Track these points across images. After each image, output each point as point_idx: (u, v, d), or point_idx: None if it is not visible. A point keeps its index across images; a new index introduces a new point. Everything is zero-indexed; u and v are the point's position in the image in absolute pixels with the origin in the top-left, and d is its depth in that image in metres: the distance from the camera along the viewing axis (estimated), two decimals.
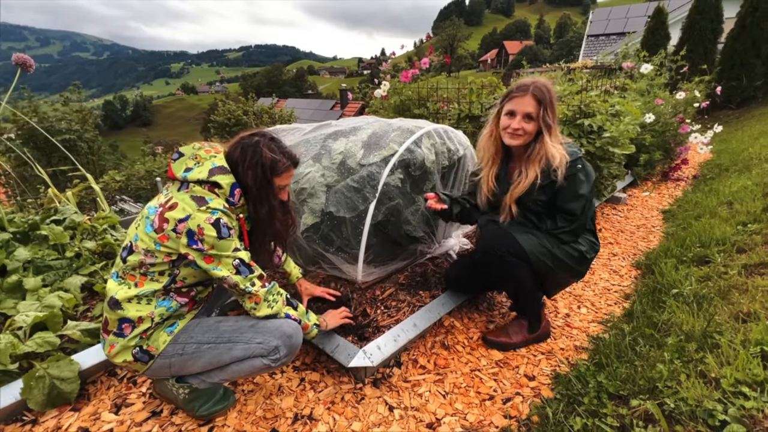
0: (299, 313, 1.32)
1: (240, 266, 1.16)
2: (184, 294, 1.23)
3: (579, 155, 1.52)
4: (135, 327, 1.16)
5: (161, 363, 1.20)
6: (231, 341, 1.20)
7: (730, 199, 3.02)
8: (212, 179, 1.16)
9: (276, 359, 1.20)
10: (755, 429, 0.94)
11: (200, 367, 1.22)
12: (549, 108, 1.48)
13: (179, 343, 1.21)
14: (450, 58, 5.21)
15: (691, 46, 8.82)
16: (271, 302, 1.23)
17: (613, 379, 1.35)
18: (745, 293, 1.65)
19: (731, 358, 1.21)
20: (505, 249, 1.54)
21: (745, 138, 5.66)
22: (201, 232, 1.09)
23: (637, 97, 4.38)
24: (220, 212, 1.13)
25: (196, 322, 1.26)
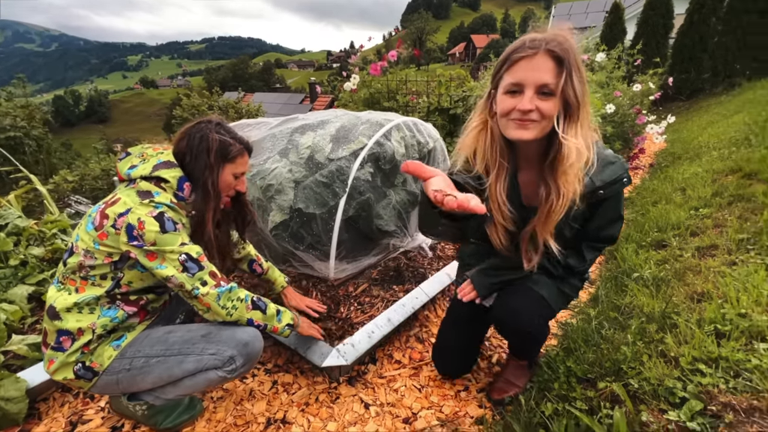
0: (267, 317, 1.22)
1: (187, 262, 1.06)
2: (132, 303, 1.14)
3: (626, 165, 1.07)
4: (75, 340, 1.06)
5: (108, 380, 1.10)
6: (181, 353, 1.11)
7: (683, 186, 3.19)
8: (156, 174, 1.09)
9: (232, 370, 1.12)
10: (711, 403, 0.99)
11: (151, 383, 1.13)
12: (576, 73, 0.91)
13: (126, 358, 1.11)
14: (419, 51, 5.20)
15: (645, 40, 9.25)
16: (230, 309, 1.13)
17: (581, 363, 1.39)
18: (699, 274, 1.74)
19: (688, 337, 1.27)
20: (542, 320, 1.22)
21: (695, 128, 6.02)
22: (141, 226, 1.00)
23: (597, 89, 4.54)
24: (166, 206, 1.05)
25: (145, 334, 1.17)
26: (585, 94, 0.94)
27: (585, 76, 0.94)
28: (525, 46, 0.92)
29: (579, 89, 0.91)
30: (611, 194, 1.05)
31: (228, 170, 1.19)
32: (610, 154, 1.06)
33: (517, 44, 0.95)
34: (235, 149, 1.18)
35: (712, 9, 8.75)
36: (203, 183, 1.15)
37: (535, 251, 1.13)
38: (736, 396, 0.99)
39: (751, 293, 1.36)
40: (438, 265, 2.17)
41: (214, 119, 1.20)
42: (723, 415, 0.95)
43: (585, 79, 0.94)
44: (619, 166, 1.05)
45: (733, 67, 8.82)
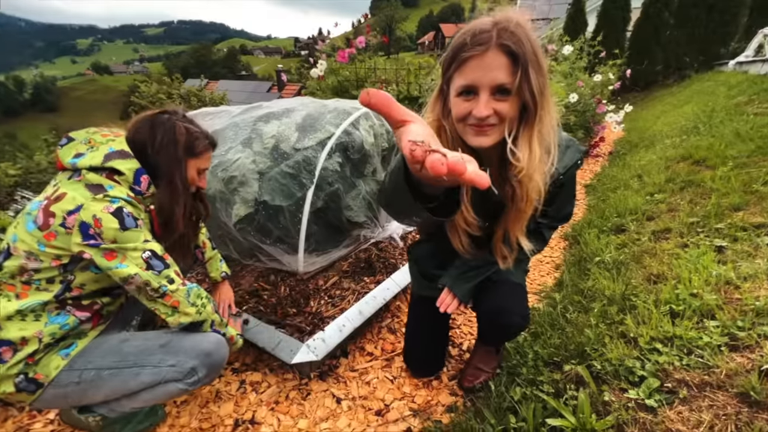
0: (221, 323, 1.17)
1: (151, 259, 0.99)
2: (85, 308, 1.04)
3: (582, 147, 1.06)
4: (17, 351, 0.95)
5: (55, 393, 1.01)
6: (137, 365, 1.03)
7: (640, 173, 3.35)
8: (108, 164, 0.98)
9: (194, 382, 1.05)
10: (667, 380, 1.05)
11: (103, 396, 1.04)
12: (534, 67, 0.81)
13: (75, 369, 1.01)
14: (388, 39, 5.12)
15: (605, 32, 9.59)
16: (200, 307, 1.07)
17: (547, 347, 1.44)
18: (655, 257, 1.83)
19: (646, 318, 1.33)
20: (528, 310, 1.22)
21: (650, 117, 6.34)
22: (98, 224, 0.91)
23: (561, 79, 4.66)
24: (123, 201, 0.97)
25: (97, 343, 1.07)
26: (545, 87, 0.85)
27: (544, 65, 0.84)
28: (473, 43, 0.81)
29: (537, 85, 0.82)
30: (569, 177, 1.05)
31: (192, 165, 1.12)
32: (565, 137, 1.03)
33: (463, 38, 0.83)
34: (201, 144, 1.11)
35: (665, 3, 9.18)
36: (170, 178, 1.07)
37: (510, 251, 1.10)
38: (690, 372, 1.04)
39: (702, 274, 1.44)
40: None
41: (179, 110, 1.12)
42: (678, 391, 1.01)
43: (545, 69, 0.85)
44: (575, 149, 1.04)
45: (683, 59, 9.33)
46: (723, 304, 1.25)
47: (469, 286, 1.16)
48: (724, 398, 0.95)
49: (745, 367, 1.00)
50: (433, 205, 0.57)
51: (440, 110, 0.94)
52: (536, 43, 0.83)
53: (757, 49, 6.85)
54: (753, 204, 1.93)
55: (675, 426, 0.92)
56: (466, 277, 1.16)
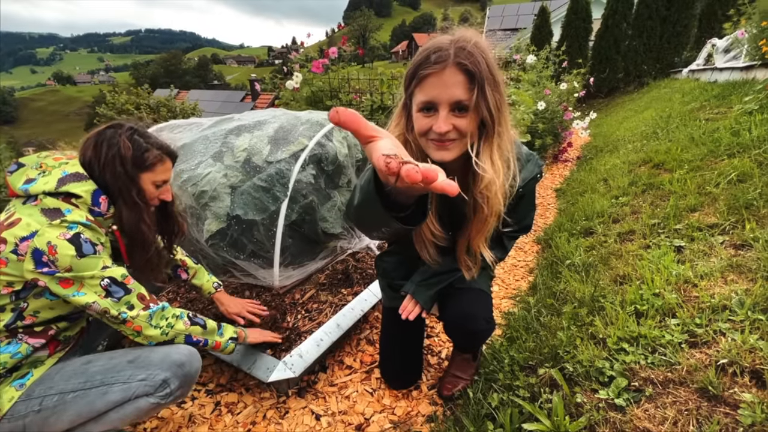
0: (207, 331, 1.15)
1: (110, 286, 0.96)
2: (38, 334, 0.99)
3: (540, 162, 1.12)
4: None
5: (11, 427, 0.95)
6: (104, 383, 0.99)
7: (605, 176, 3.50)
8: (63, 189, 0.95)
9: (166, 395, 1.02)
10: (634, 379, 1.09)
11: (67, 422, 0.99)
12: (490, 84, 0.86)
13: (35, 398, 0.96)
14: (363, 50, 5.17)
15: (569, 42, 10.05)
16: (165, 328, 1.04)
17: (522, 351, 1.47)
18: (620, 258, 1.91)
19: (614, 319, 1.38)
20: (491, 315, 1.24)
21: (613, 123, 6.64)
22: (52, 251, 0.88)
23: (529, 87, 4.84)
24: (81, 226, 0.93)
25: (57, 368, 1.03)
26: (502, 104, 0.90)
27: (501, 83, 0.89)
28: (431, 61, 0.85)
29: (494, 101, 0.87)
30: (528, 190, 1.10)
31: (146, 180, 1.07)
32: (525, 152, 1.09)
33: (423, 56, 0.87)
34: (151, 156, 1.07)
35: (623, 15, 9.71)
36: (124, 195, 1.04)
37: (474, 261, 1.14)
38: (654, 370, 1.09)
39: (663, 274, 1.52)
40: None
41: (126, 123, 1.08)
42: (644, 389, 1.05)
43: (501, 87, 0.89)
44: (534, 162, 1.09)
45: (641, 67, 9.87)
46: (683, 303, 1.32)
47: (431, 293, 1.18)
48: (685, 394, 0.99)
49: (704, 363, 1.05)
50: (404, 214, 0.60)
51: (404, 125, 0.97)
52: (492, 61, 0.87)
53: (707, 58, 7.33)
54: (707, 205, 2.06)
55: (642, 424, 0.96)
56: (428, 283, 1.18)
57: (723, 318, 1.18)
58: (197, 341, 1.12)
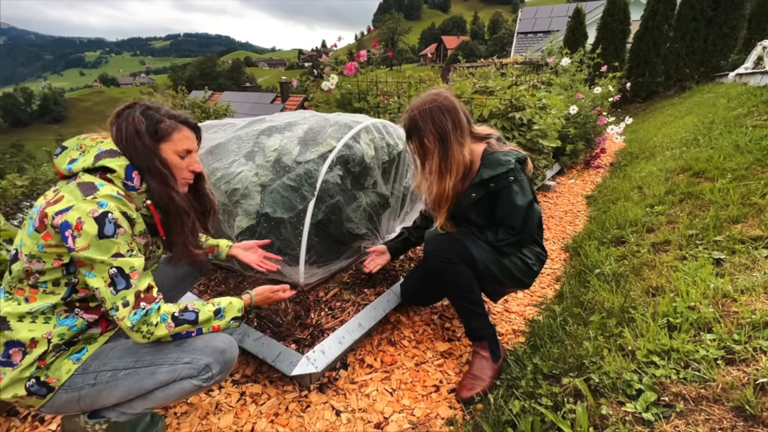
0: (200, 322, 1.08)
1: (116, 276, 0.96)
2: (92, 310, 1.05)
3: (511, 165, 1.39)
4: (26, 353, 0.97)
5: (68, 397, 1.02)
6: (153, 364, 1.05)
7: (640, 184, 3.37)
8: (99, 164, 1.00)
9: (208, 378, 1.07)
10: (664, 394, 1.05)
11: (117, 397, 1.06)
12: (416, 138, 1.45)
13: (90, 372, 1.03)
14: (392, 53, 5.21)
15: (605, 45, 9.73)
16: (146, 333, 1.00)
17: (546, 359, 1.44)
18: (654, 269, 1.84)
19: (644, 331, 1.33)
20: (453, 253, 1.45)
21: (651, 128, 6.37)
22: (79, 226, 0.91)
23: (561, 91, 4.72)
24: (112, 201, 0.97)
25: (110, 346, 1.09)
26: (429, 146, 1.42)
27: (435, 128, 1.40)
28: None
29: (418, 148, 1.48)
30: (501, 186, 1.40)
31: (166, 150, 1.09)
32: (502, 159, 1.41)
33: None
34: (164, 126, 1.08)
35: (665, 16, 9.30)
36: (150, 167, 1.05)
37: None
38: (686, 386, 1.05)
39: (699, 287, 1.45)
40: (409, 267, 2.18)
41: (139, 101, 1.11)
42: (675, 405, 1.01)
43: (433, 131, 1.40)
44: (506, 168, 1.39)
45: (684, 71, 9.40)
46: (720, 317, 1.25)
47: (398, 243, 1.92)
48: (720, 412, 0.95)
49: (741, 381, 1.00)
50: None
51: None
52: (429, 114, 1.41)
53: (756, 61, 6.90)
54: (751, 216, 1.94)
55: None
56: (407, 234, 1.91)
57: (765, 335, 1.12)
58: (188, 334, 1.08)
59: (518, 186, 1.40)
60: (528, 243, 1.53)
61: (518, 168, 1.42)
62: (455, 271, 1.45)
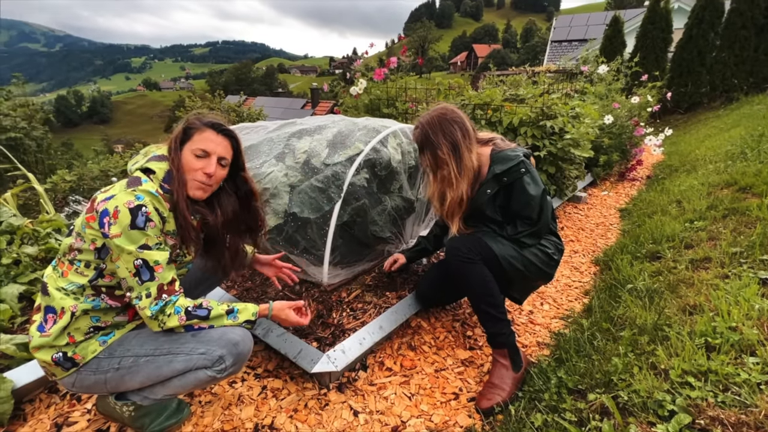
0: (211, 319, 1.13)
1: (141, 267, 1.02)
2: (117, 298, 1.12)
3: (520, 158, 1.48)
4: (56, 321, 1.05)
5: (96, 379, 1.10)
6: (171, 353, 1.11)
7: (679, 198, 3.20)
8: (145, 165, 1.12)
9: (221, 369, 1.11)
10: (700, 417, 0.99)
11: (139, 382, 1.13)
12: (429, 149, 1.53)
13: (116, 357, 1.11)
14: (422, 60, 5.25)
15: (644, 53, 9.37)
16: (160, 322, 1.07)
17: (572, 374, 1.39)
18: (692, 287, 1.74)
19: (679, 350, 1.26)
20: (474, 252, 1.47)
21: (692, 141, 6.06)
22: (115, 214, 0.99)
23: (595, 100, 4.58)
24: (148, 197, 1.04)
25: (134, 333, 1.17)
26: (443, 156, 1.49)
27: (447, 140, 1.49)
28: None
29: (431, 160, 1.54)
30: (514, 179, 1.46)
31: (186, 150, 1.14)
32: (511, 154, 1.50)
33: None
34: (192, 126, 1.15)
35: (711, 24, 8.86)
36: (173, 171, 1.12)
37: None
38: (725, 410, 0.98)
39: (743, 307, 1.36)
40: None
41: (194, 114, 1.20)
42: (711, 429, 0.95)
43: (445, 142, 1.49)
44: (516, 161, 1.47)
45: (731, 81, 8.90)
46: (765, 340, 1.17)
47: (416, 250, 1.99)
48: None
49: None
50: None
51: None
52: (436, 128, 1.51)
53: None
54: None
55: None
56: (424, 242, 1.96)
57: None
58: (199, 328, 1.13)
59: (530, 177, 1.47)
60: (545, 233, 1.56)
61: (527, 161, 1.50)
62: (476, 272, 1.47)
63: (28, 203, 4.64)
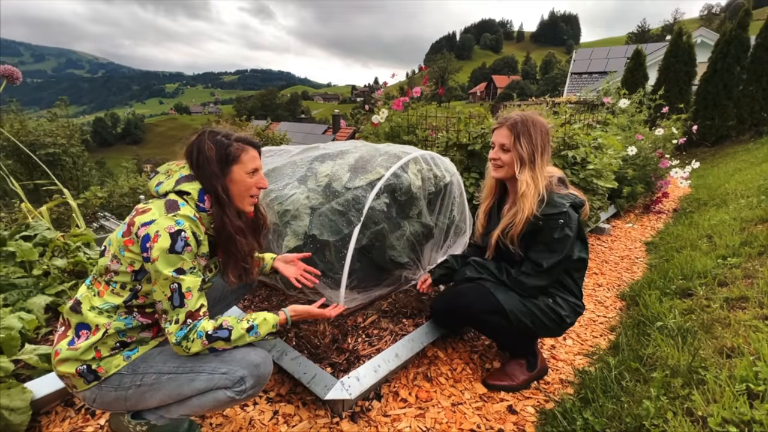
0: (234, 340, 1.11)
1: (175, 293, 1.05)
2: (147, 315, 1.15)
3: (564, 209, 1.41)
4: (89, 336, 1.07)
5: (116, 395, 1.10)
6: (193, 371, 1.10)
7: (709, 233, 3.08)
8: (178, 188, 1.13)
9: (242, 391, 1.10)
10: None
11: (159, 400, 1.12)
12: (523, 138, 1.45)
13: (138, 373, 1.11)
14: (443, 90, 5.38)
15: (667, 86, 9.30)
16: (185, 347, 1.08)
17: (599, 416, 1.31)
18: (728, 327, 1.64)
19: (717, 396, 1.18)
20: (484, 307, 1.51)
21: (721, 174, 5.88)
22: (155, 239, 1.02)
23: (618, 131, 4.54)
24: (187, 222, 1.07)
25: (158, 350, 1.17)
26: (536, 152, 1.46)
27: (537, 140, 1.46)
28: (498, 121, 1.55)
29: (524, 148, 1.46)
30: (546, 226, 1.42)
31: (238, 172, 1.17)
32: (558, 201, 1.43)
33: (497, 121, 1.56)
34: (234, 148, 1.17)
35: (736, 58, 8.78)
36: (215, 192, 1.15)
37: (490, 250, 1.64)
38: None
39: None
40: None
41: (206, 128, 1.21)
42: None
43: (536, 142, 1.45)
44: (558, 210, 1.41)
45: (760, 115, 8.70)
46: None
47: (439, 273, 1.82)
48: None
49: None
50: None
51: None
52: (533, 128, 1.46)
53: None
54: None
55: None
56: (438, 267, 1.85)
57: None
58: (223, 350, 1.13)
59: (562, 231, 1.41)
60: (548, 287, 1.51)
61: (571, 215, 1.43)
62: (488, 324, 1.56)
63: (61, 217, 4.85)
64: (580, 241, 1.51)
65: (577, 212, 1.47)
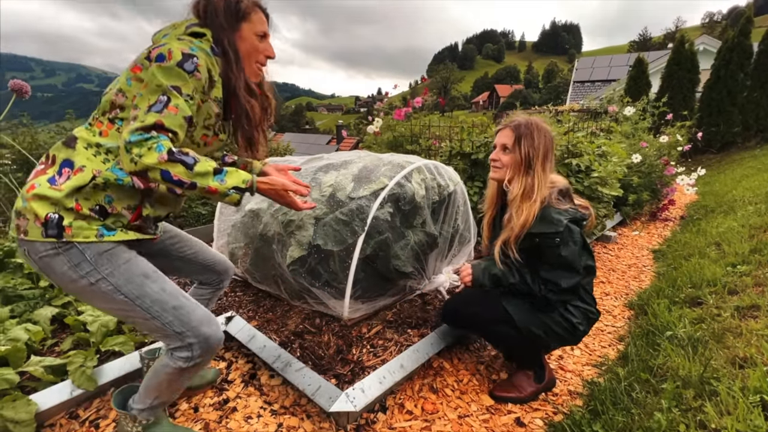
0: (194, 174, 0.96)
1: (161, 103, 0.93)
2: (143, 179, 0.98)
3: (560, 228, 1.33)
4: (69, 177, 0.97)
5: (64, 273, 0.99)
6: (149, 313, 1.04)
7: (718, 240, 3.04)
8: (191, 30, 1.05)
9: (188, 358, 1.08)
10: None
11: (104, 309, 1.10)
12: (525, 140, 1.40)
13: (98, 272, 1.00)
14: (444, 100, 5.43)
15: (671, 93, 9.31)
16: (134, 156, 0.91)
17: (609, 428, 1.28)
18: (740, 337, 1.61)
19: (731, 407, 1.15)
20: (494, 317, 1.49)
21: (728, 181, 5.83)
22: (170, 55, 0.95)
23: (622, 139, 4.53)
24: (203, 54, 1.00)
25: (126, 257, 1.04)
26: (538, 157, 1.40)
27: (539, 146, 1.40)
28: (503, 123, 1.51)
29: (528, 151, 1.41)
30: (545, 245, 1.37)
31: (246, 30, 1.10)
32: (556, 218, 1.36)
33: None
34: (244, 5, 1.09)
35: (739, 65, 8.79)
36: (223, 45, 1.07)
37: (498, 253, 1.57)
38: None
39: None
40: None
41: None
42: None
43: (537, 147, 1.40)
44: (554, 229, 1.35)
45: (766, 121, 8.66)
46: None
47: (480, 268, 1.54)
48: None
49: None
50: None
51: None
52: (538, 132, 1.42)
53: None
54: None
55: None
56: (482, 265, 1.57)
57: None
58: (179, 181, 0.94)
59: (567, 248, 1.35)
60: (572, 299, 1.46)
61: (572, 229, 1.36)
62: (496, 333, 1.55)
63: None
64: (584, 250, 1.48)
65: (579, 226, 1.40)
